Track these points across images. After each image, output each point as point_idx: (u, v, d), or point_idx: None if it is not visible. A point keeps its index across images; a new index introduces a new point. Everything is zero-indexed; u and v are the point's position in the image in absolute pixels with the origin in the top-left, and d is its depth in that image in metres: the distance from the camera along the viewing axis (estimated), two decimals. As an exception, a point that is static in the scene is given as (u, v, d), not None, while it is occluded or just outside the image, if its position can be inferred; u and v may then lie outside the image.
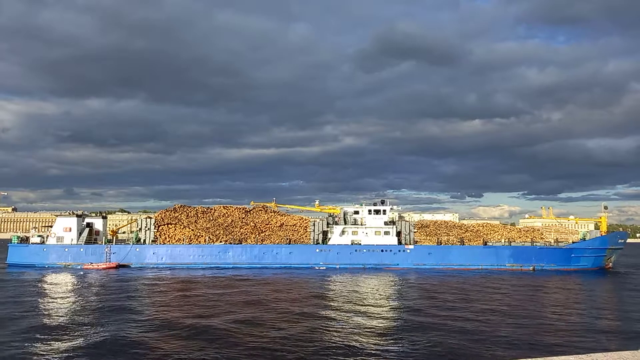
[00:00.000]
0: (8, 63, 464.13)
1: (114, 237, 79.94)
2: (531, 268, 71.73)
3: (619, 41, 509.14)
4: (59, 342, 24.54)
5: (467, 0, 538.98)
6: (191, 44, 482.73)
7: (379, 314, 33.30)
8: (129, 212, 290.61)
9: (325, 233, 77.79)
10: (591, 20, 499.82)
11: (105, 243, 76.23)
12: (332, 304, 37.48)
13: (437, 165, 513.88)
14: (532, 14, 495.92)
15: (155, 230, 78.32)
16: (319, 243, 76.37)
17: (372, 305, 36.80)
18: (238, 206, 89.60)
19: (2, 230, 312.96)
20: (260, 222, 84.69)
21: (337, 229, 76.61)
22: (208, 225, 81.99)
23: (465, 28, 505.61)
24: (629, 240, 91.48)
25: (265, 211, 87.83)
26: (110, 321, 29.92)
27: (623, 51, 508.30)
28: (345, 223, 77.82)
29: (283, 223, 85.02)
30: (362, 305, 36.95)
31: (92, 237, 77.72)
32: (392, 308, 36.13)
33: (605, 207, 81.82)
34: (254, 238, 79.71)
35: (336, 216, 79.87)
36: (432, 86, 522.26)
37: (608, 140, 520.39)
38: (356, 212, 78.94)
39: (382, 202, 78.81)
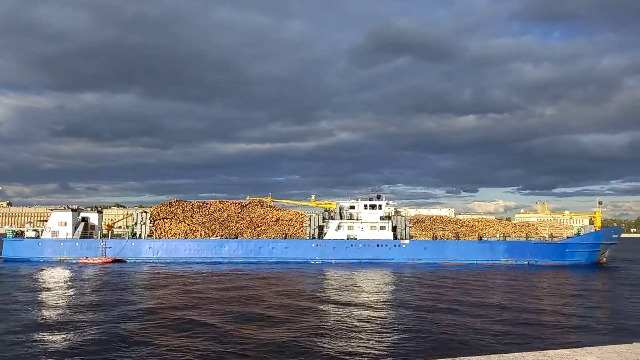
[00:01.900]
0: (3, 58, 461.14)
1: (110, 232, 79.80)
2: (526, 263, 72.08)
3: (614, 37, 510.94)
4: (53, 337, 24.53)
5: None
6: (187, 40, 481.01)
7: (372, 307, 33.38)
8: (124, 207, 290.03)
9: (321, 228, 77.89)
10: (586, 16, 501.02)
11: (100, 237, 76.12)
12: (327, 297, 37.57)
13: (432, 160, 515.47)
14: (526, 11, 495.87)
15: (151, 225, 78.22)
16: (315, 238, 76.45)
17: (366, 299, 36.91)
18: (234, 201, 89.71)
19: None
20: (256, 216, 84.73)
21: (333, 224, 76.69)
22: (204, 220, 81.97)
23: (460, 24, 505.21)
24: (622, 235, 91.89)
25: (262, 206, 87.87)
26: (105, 316, 29.90)
27: (617, 48, 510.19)
28: (341, 218, 77.89)
29: (279, 218, 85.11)
30: (356, 299, 37.07)
31: (88, 231, 77.50)
32: (386, 302, 36.28)
33: (600, 203, 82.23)
34: (250, 233, 79.71)
35: (332, 211, 79.95)
36: (428, 82, 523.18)
37: (602, 136, 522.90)
38: (352, 207, 79.00)
39: (378, 197, 78.86)
